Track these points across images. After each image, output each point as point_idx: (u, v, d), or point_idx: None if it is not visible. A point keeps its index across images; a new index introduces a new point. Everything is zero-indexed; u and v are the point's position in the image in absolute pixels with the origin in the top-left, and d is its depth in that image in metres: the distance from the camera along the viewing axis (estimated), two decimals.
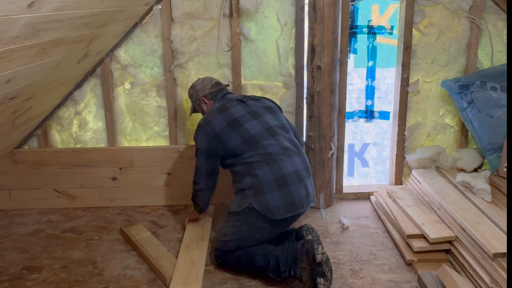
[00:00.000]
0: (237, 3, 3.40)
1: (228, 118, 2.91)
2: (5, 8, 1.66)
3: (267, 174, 2.73)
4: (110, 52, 3.51)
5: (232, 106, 2.98)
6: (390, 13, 3.60)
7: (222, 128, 2.89)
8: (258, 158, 2.78)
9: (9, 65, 2.14)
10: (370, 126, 3.98)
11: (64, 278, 2.83)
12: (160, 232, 3.34)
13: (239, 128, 2.87)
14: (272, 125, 2.93)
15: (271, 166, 2.74)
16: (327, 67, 3.37)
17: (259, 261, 2.70)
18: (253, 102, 3.04)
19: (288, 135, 2.96)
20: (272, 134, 2.87)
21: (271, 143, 2.83)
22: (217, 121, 2.92)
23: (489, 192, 3.08)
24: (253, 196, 2.73)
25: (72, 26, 2.36)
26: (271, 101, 3.17)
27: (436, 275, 2.57)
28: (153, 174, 3.68)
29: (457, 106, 3.46)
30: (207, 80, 3.23)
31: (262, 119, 2.93)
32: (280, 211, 2.68)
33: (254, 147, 2.82)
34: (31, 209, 3.71)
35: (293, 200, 2.70)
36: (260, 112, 2.97)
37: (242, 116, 2.92)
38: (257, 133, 2.85)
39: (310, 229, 2.88)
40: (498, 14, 3.50)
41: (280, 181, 2.71)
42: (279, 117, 3.05)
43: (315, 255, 2.49)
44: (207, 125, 2.95)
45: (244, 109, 2.97)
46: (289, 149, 2.85)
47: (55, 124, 3.68)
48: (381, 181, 4.05)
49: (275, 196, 2.69)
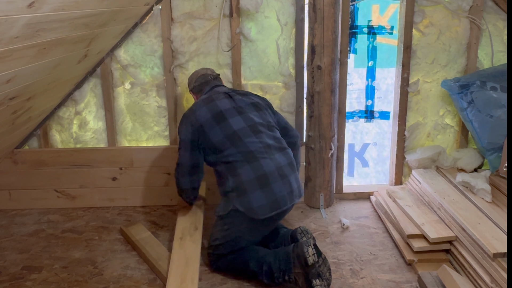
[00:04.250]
0: (237, 3, 3.40)
1: (213, 111, 2.86)
2: (5, 8, 1.66)
3: (248, 173, 2.68)
4: (110, 52, 3.51)
5: (218, 99, 2.93)
6: (390, 13, 3.60)
7: (207, 120, 2.83)
8: (239, 157, 2.73)
9: (9, 65, 2.14)
10: (370, 126, 3.98)
11: (64, 278, 2.83)
12: (160, 232, 3.34)
13: (223, 122, 2.82)
14: (256, 122, 2.87)
15: (252, 165, 2.70)
16: (327, 67, 3.37)
17: (252, 266, 2.67)
18: (240, 97, 2.98)
19: (272, 133, 2.89)
20: (255, 132, 2.82)
21: (253, 141, 2.77)
22: (202, 112, 2.87)
23: (489, 192, 3.08)
24: (236, 198, 2.69)
25: (72, 26, 2.36)
26: (259, 97, 3.10)
27: (436, 275, 2.57)
28: (153, 174, 3.68)
29: (457, 106, 3.46)
30: (195, 74, 3.21)
31: (246, 115, 2.88)
32: (263, 211, 2.64)
33: (236, 144, 2.76)
34: (31, 209, 3.71)
35: (276, 198, 2.66)
36: (245, 108, 2.91)
37: (228, 110, 2.87)
38: (240, 130, 2.80)
39: (304, 232, 2.78)
40: (498, 14, 3.50)
41: (262, 180, 2.66)
42: (265, 115, 2.97)
43: (306, 258, 2.47)
44: (192, 115, 2.89)
45: (230, 103, 2.91)
46: (272, 146, 2.80)
47: (55, 124, 3.68)
48: (381, 181, 4.05)
49: (257, 195, 2.64)
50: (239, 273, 2.76)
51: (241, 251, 2.75)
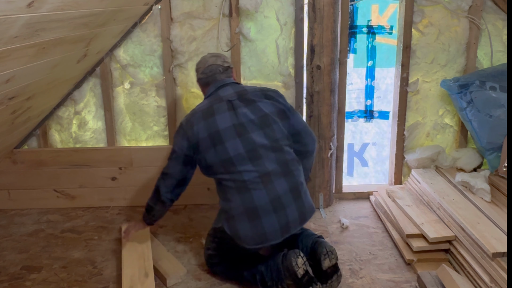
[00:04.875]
0: (236, 3, 3.40)
1: (211, 129, 2.59)
2: (4, 7, 1.66)
3: (237, 203, 2.51)
4: (109, 52, 3.51)
5: (219, 112, 2.63)
6: (389, 13, 3.60)
7: (203, 139, 2.60)
8: (231, 184, 2.54)
9: (8, 65, 2.14)
10: (370, 126, 3.98)
11: (63, 278, 2.83)
12: (159, 232, 3.33)
13: (219, 145, 2.57)
14: (257, 145, 2.57)
15: (243, 196, 2.50)
16: (326, 67, 3.36)
17: (246, 275, 2.65)
18: (244, 111, 2.64)
19: (276, 155, 2.59)
20: (254, 158, 2.55)
21: (248, 170, 2.52)
22: (199, 128, 2.61)
23: (489, 192, 3.08)
24: (225, 220, 2.59)
25: (72, 26, 2.36)
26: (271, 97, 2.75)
27: (436, 275, 2.58)
28: (153, 174, 3.68)
29: (457, 106, 3.46)
30: (203, 62, 2.89)
31: (246, 137, 2.58)
32: (249, 241, 2.50)
33: (229, 170, 2.55)
34: (30, 209, 3.71)
35: (264, 233, 2.47)
36: (247, 127, 2.60)
37: (226, 130, 2.58)
38: (236, 156, 2.54)
39: (329, 252, 2.54)
40: (497, 14, 3.50)
41: (251, 213, 2.48)
42: (272, 131, 2.63)
43: (296, 272, 2.41)
44: (189, 129, 2.65)
45: (231, 119, 2.61)
46: (272, 173, 2.53)
47: (54, 124, 3.68)
48: (381, 181, 4.05)
49: (244, 226, 2.49)
50: (234, 280, 2.74)
51: (233, 260, 2.72)
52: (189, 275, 2.82)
